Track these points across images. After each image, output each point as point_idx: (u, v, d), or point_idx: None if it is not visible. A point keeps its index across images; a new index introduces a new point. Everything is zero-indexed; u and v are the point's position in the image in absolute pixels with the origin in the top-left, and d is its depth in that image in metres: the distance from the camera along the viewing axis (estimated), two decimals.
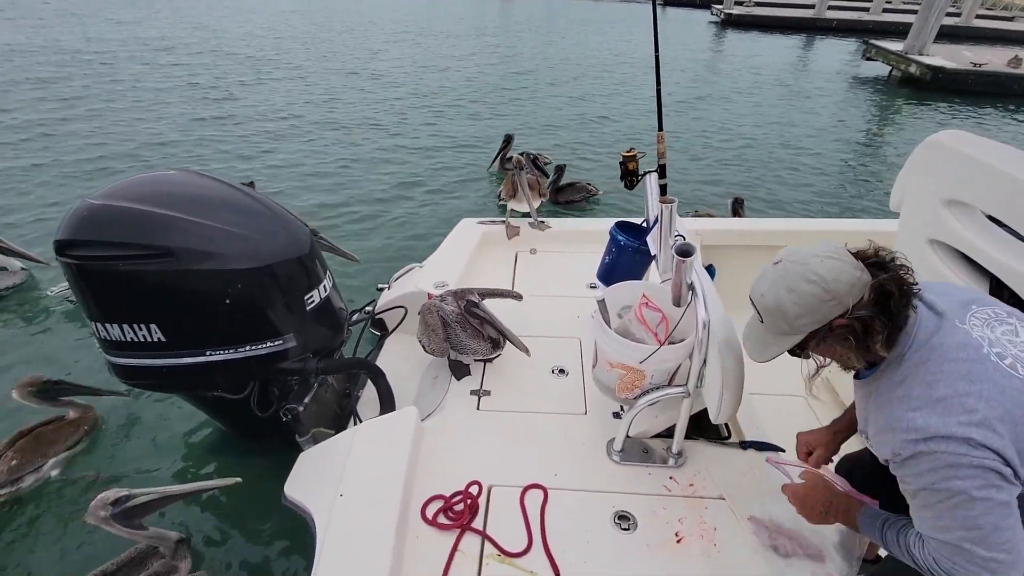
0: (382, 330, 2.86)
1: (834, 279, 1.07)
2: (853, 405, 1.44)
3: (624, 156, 1.82)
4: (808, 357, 1.22)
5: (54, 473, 2.59)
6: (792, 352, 1.20)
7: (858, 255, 1.11)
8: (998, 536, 0.99)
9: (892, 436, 1.07)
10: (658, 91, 1.78)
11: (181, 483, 2.20)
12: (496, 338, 2.26)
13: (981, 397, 1.00)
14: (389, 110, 8.46)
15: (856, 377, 1.23)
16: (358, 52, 11.83)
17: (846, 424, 1.53)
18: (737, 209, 4.97)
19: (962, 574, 1.03)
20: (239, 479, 2.08)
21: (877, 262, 1.11)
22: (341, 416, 2.47)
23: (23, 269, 3.98)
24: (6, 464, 2.47)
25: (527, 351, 2.15)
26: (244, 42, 12.00)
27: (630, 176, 1.82)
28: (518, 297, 2.43)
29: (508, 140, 6.22)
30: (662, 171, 1.78)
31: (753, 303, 1.19)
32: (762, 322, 1.18)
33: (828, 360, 1.23)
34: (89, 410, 2.80)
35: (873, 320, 1.07)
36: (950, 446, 0.99)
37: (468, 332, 2.23)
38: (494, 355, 2.27)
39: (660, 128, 1.76)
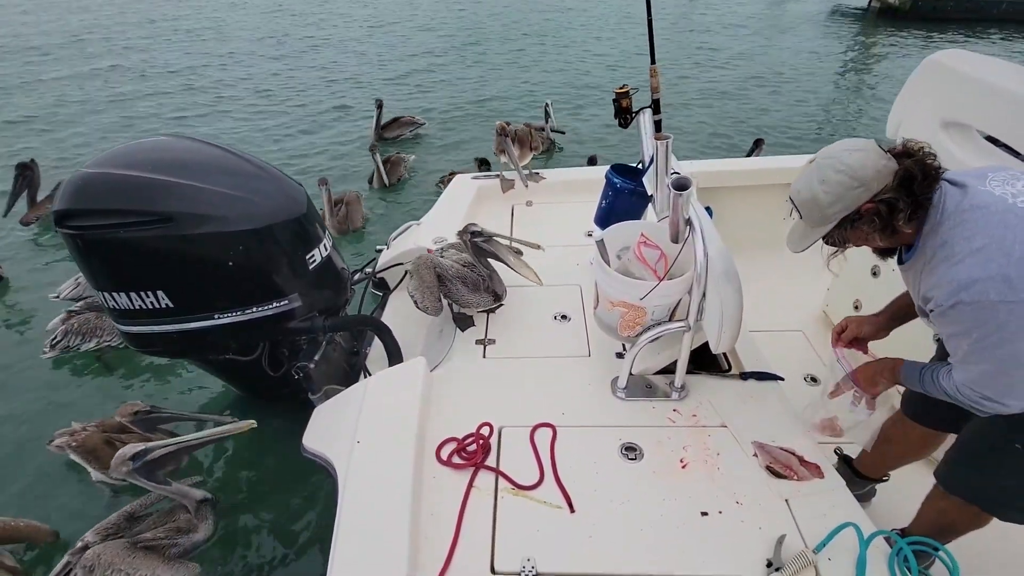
0: (384, 289, 2.89)
1: (860, 167, 1.17)
2: (892, 303, 1.65)
3: (617, 93, 1.80)
4: (843, 246, 1.33)
5: None
6: (827, 240, 1.31)
7: (888, 148, 1.21)
8: (1018, 371, 1.13)
9: (939, 291, 1.17)
10: (649, 21, 1.74)
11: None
12: (499, 292, 2.28)
13: (1016, 240, 1.08)
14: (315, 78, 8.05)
15: (900, 263, 1.32)
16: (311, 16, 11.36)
17: (885, 319, 1.66)
18: (757, 148, 4.89)
19: (977, 397, 1.20)
20: (253, 422, 2.04)
21: (904, 151, 1.21)
22: (351, 373, 2.53)
23: None
24: None
25: (539, 280, 2.13)
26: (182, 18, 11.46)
27: (624, 114, 1.81)
28: (518, 252, 2.37)
29: (380, 106, 5.80)
30: (656, 106, 1.76)
31: (792, 200, 1.30)
32: (801, 218, 1.30)
33: (845, 248, 1.35)
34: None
35: (897, 201, 1.17)
36: (991, 285, 1.08)
37: (468, 286, 2.25)
38: (496, 305, 2.30)
39: (652, 61, 1.73)
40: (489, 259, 2.25)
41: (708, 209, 2.94)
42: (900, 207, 1.17)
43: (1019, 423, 1.28)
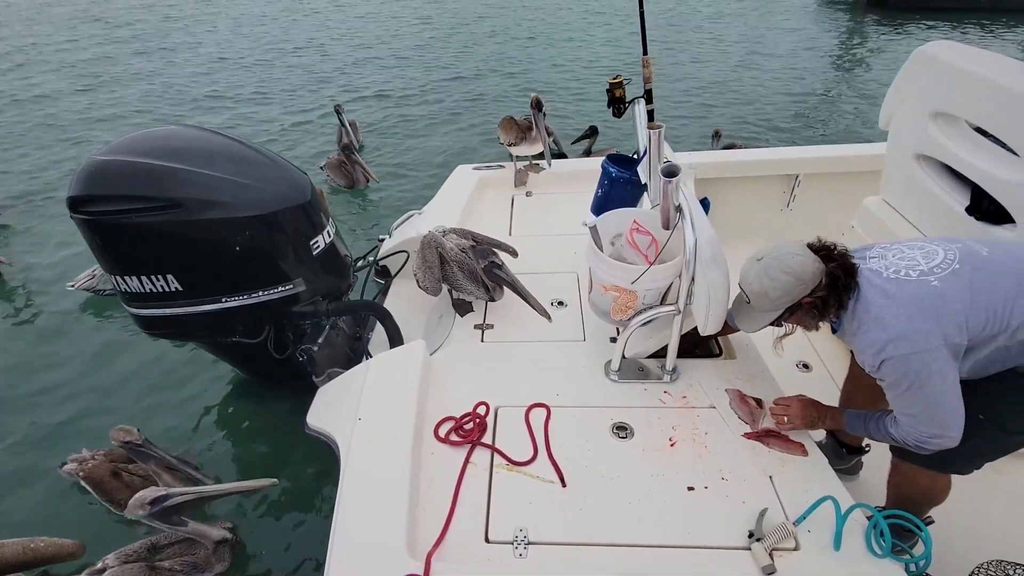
0: (386, 277, 2.96)
1: (802, 270, 1.46)
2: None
3: (610, 83, 1.84)
4: (782, 326, 1.65)
5: None
6: (772, 323, 1.60)
7: (813, 248, 1.51)
8: (946, 406, 1.40)
9: (864, 356, 1.47)
10: (641, 12, 1.78)
11: (218, 483, 2.18)
12: (492, 289, 2.30)
13: (899, 305, 1.39)
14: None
15: (833, 332, 1.61)
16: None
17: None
18: (716, 141, 5.02)
19: (924, 437, 1.45)
20: (275, 480, 2.03)
21: (827, 254, 1.50)
22: (353, 358, 2.60)
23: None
24: None
25: (549, 317, 2.13)
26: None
27: (617, 103, 1.85)
28: (514, 253, 2.44)
29: (342, 110, 5.53)
30: (648, 96, 1.80)
31: (742, 288, 1.57)
32: (749, 303, 1.58)
33: (794, 328, 1.69)
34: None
35: (828, 298, 1.48)
36: (898, 345, 1.37)
37: (466, 274, 2.30)
38: (489, 299, 2.33)
39: (645, 52, 1.77)
40: (505, 287, 2.24)
41: (706, 200, 3.00)
42: (831, 303, 1.48)
43: (983, 395, 1.48)
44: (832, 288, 1.47)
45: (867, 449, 2.01)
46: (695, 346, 2.20)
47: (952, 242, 1.48)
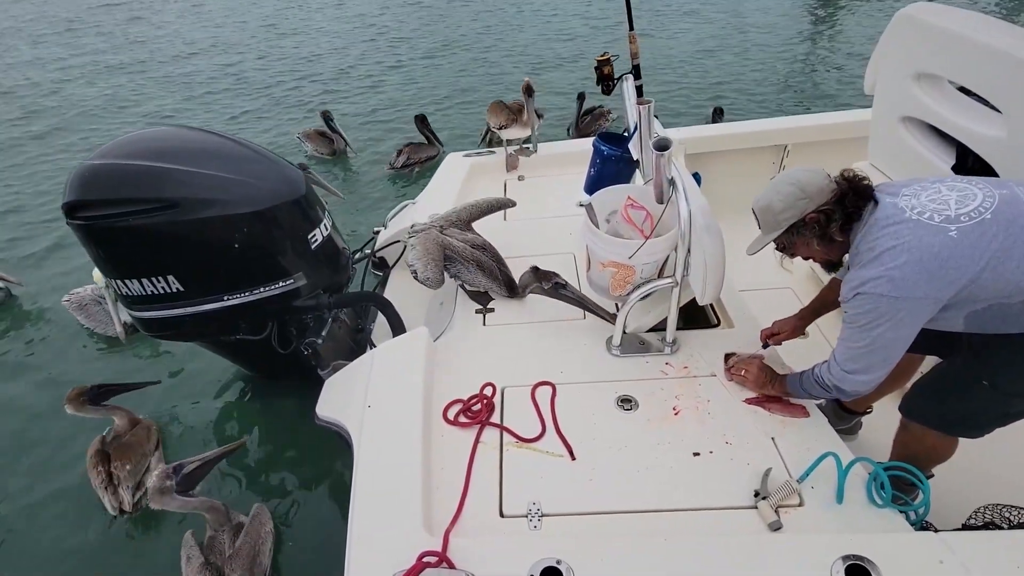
0: (384, 268, 2.98)
1: (808, 183, 1.46)
2: (815, 299, 1.97)
3: (598, 61, 1.85)
4: (790, 252, 1.61)
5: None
6: (777, 245, 1.58)
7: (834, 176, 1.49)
8: (885, 353, 1.43)
9: (846, 286, 1.44)
10: None
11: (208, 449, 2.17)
12: (512, 284, 2.25)
13: (904, 249, 1.33)
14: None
15: (832, 270, 1.63)
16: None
17: (808, 312, 1.94)
18: (717, 118, 5.02)
19: (843, 372, 1.49)
20: (245, 439, 2.39)
21: (843, 177, 1.48)
22: (357, 349, 2.62)
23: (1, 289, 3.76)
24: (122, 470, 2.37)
25: (613, 319, 2.05)
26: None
27: (606, 80, 1.87)
28: (512, 204, 2.43)
29: (331, 117, 5.47)
30: (636, 72, 1.82)
31: (753, 211, 1.56)
32: (759, 228, 1.56)
33: (794, 254, 1.62)
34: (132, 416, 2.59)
35: (833, 212, 1.45)
36: (879, 284, 1.35)
37: (486, 273, 2.25)
38: (510, 296, 2.29)
39: (631, 28, 1.78)
40: (568, 302, 2.17)
41: (697, 175, 3.02)
42: (835, 217, 1.45)
43: (987, 364, 1.47)
44: (839, 203, 1.43)
45: (869, 411, 2.06)
46: (693, 319, 2.24)
47: (1001, 186, 1.36)
